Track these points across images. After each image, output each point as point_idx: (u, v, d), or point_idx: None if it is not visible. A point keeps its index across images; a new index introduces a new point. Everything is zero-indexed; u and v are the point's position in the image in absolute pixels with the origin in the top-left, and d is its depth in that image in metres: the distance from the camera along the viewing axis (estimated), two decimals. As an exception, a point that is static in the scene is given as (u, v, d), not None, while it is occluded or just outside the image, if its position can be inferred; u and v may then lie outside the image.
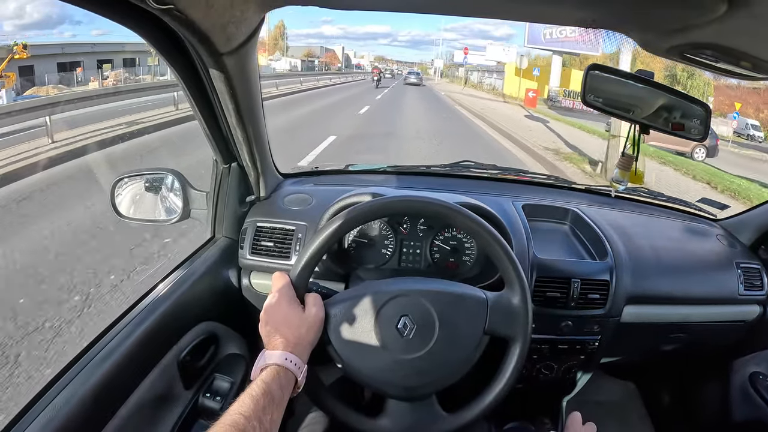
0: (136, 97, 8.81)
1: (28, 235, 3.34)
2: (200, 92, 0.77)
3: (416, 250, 1.02)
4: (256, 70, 0.79)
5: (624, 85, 0.77)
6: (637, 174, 0.84)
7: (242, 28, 0.63)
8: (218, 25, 0.59)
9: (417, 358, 0.70)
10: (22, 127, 6.14)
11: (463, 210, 0.75)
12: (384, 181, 1.26)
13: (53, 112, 6.26)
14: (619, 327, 1.03)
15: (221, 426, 0.53)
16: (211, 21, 0.57)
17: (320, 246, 0.72)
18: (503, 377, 0.73)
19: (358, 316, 0.72)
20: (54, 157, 5.45)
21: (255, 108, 0.86)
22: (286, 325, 0.67)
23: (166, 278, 0.93)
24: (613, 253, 1.02)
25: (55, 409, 0.63)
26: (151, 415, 0.79)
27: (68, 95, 9.15)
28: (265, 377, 0.61)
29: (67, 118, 6.66)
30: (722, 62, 0.65)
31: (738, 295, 1.09)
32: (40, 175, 4.86)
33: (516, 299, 0.73)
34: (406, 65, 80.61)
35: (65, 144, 6.04)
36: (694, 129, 0.80)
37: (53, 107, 6.33)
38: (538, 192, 1.28)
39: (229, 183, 1.00)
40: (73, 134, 6.45)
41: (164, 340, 0.84)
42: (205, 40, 0.60)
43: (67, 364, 0.71)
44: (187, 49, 0.66)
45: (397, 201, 0.76)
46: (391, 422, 0.73)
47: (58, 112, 6.41)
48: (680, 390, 1.41)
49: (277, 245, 1.02)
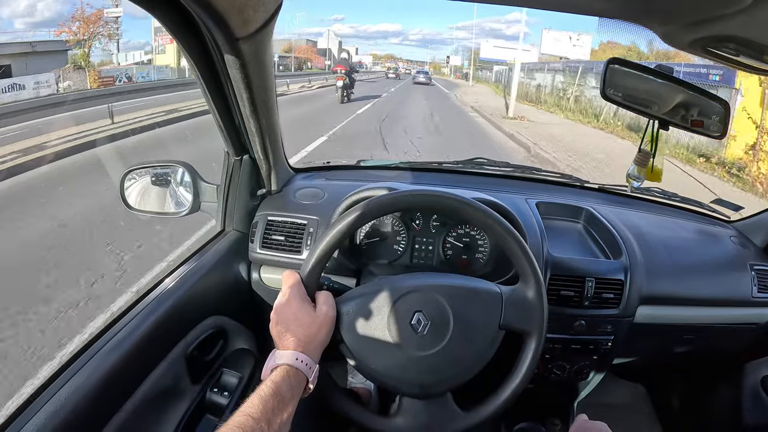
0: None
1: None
2: (214, 80, 0.76)
3: (429, 247, 1.01)
4: (272, 59, 0.78)
5: (644, 80, 0.76)
6: (654, 171, 0.83)
7: (260, 12, 0.62)
8: (236, 8, 0.58)
9: (432, 355, 0.69)
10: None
11: (477, 204, 0.73)
12: (396, 177, 1.25)
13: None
14: (632, 327, 1.01)
15: (228, 427, 0.53)
16: (228, 2, 0.56)
17: (331, 243, 0.71)
18: (519, 373, 0.72)
19: (371, 313, 0.70)
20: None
21: (269, 99, 0.85)
22: (297, 324, 0.66)
23: (175, 271, 0.92)
24: (627, 252, 1.00)
25: (60, 400, 0.62)
26: (158, 409, 0.78)
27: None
28: (275, 377, 0.61)
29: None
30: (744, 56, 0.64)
31: (752, 297, 1.08)
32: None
33: (531, 293, 0.72)
34: (416, 64, 77.16)
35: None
36: (714, 126, 0.79)
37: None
38: (552, 191, 1.26)
39: (241, 175, 1.00)
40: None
41: (172, 334, 0.83)
42: (222, 22, 0.59)
43: (73, 356, 0.70)
44: (203, 33, 0.65)
45: (410, 195, 0.75)
46: (405, 421, 0.72)
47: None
48: (691, 393, 1.40)
49: (288, 239, 1.01)
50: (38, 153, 5.63)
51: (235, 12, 0.59)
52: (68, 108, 7.19)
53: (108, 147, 6.30)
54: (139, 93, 12.62)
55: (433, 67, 72.44)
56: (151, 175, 1.06)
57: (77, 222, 3.60)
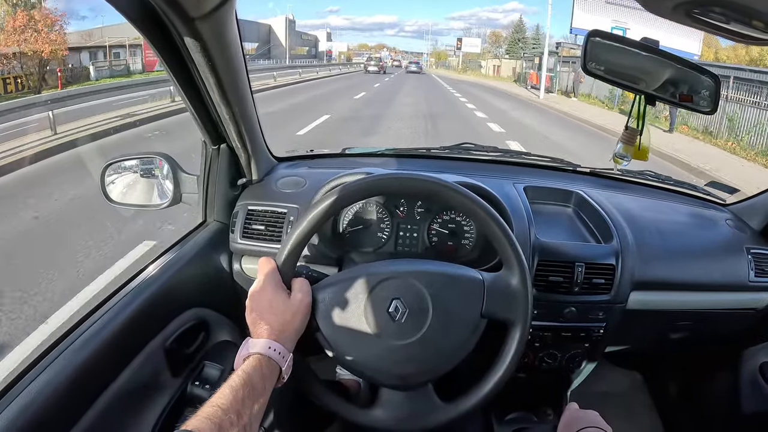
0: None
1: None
2: (180, 67, 0.74)
3: (413, 234, 0.99)
4: (237, 41, 0.75)
5: (628, 53, 0.73)
6: (641, 149, 0.80)
7: None
8: None
9: (410, 344, 0.67)
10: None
11: (458, 187, 0.71)
12: (381, 164, 1.23)
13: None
14: (624, 314, 0.99)
15: (197, 419, 0.51)
16: None
17: (306, 229, 0.69)
18: (503, 364, 0.70)
19: (347, 300, 0.68)
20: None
21: (239, 84, 0.82)
22: (270, 312, 0.65)
23: (154, 262, 0.90)
24: (618, 236, 0.98)
25: (31, 393, 0.61)
26: (136, 404, 0.77)
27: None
28: (246, 367, 0.59)
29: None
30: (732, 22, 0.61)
31: (748, 281, 1.05)
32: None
33: (515, 280, 0.69)
34: (412, 55, 63.10)
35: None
36: (703, 101, 0.76)
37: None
38: (542, 175, 1.24)
39: (219, 165, 0.98)
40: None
41: (150, 326, 0.82)
42: (173, 2, 0.57)
43: (46, 349, 0.68)
44: (161, 17, 0.63)
45: (387, 179, 0.72)
46: (385, 413, 0.70)
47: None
48: (688, 380, 1.37)
49: (268, 229, 0.99)
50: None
51: None
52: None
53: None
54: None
55: (436, 56, 57.99)
56: (131, 168, 1.04)
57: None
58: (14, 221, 3.56)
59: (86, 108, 7.59)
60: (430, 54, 61.37)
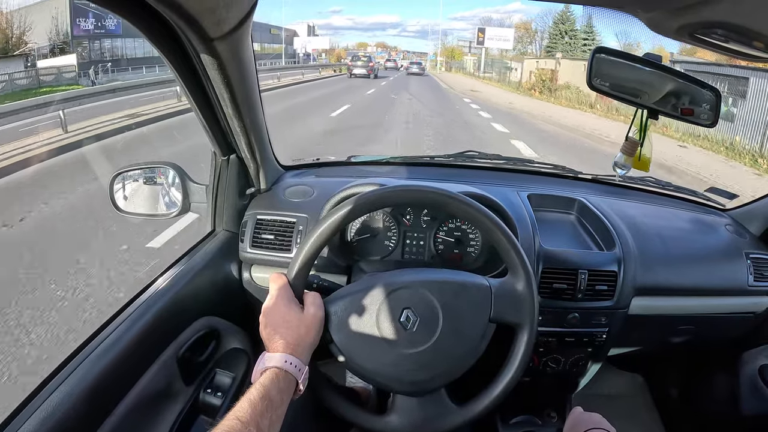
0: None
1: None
2: (195, 81, 0.76)
3: (420, 242, 1.00)
4: (251, 57, 0.77)
5: (631, 68, 0.75)
6: (642, 160, 0.82)
7: (233, 11, 0.61)
8: (207, 9, 0.57)
9: (422, 352, 0.69)
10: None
11: (464, 198, 0.73)
12: (387, 173, 1.24)
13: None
14: (627, 319, 1.01)
15: (218, 431, 0.53)
16: (198, 4, 0.55)
17: (317, 243, 0.70)
18: (513, 366, 0.72)
19: (359, 312, 0.70)
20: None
21: (252, 97, 0.84)
22: (285, 326, 0.66)
23: (165, 273, 0.91)
24: (620, 243, 0.99)
25: (51, 406, 0.62)
26: (151, 412, 0.78)
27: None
28: (264, 381, 0.61)
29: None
30: (733, 42, 0.63)
31: (748, 286, 1.07)
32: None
33: (520, 285, 0.71)
34: (414, 55, 56.48)
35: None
36: (704, 114, 0.78)
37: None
38: (544, 182, 1.25)
39: (228, 175, 0.99)
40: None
41: (163, 336, 0.83)
42: (194, 24, 0.58)
43: (64, 361, 0.70)
44: (179, 35, 0.64)
45: (396, 191, 0.74)
46: (399, 419, 0.72)
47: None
48: (689, 383, 1.39)
49: (277, 238, 1.00)
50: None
51: (207, 13, 0.58)
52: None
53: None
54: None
55: (447, 54, 44.38)
56: (140, 177, 1.05)
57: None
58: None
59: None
60: (441, 52, 45.76)
